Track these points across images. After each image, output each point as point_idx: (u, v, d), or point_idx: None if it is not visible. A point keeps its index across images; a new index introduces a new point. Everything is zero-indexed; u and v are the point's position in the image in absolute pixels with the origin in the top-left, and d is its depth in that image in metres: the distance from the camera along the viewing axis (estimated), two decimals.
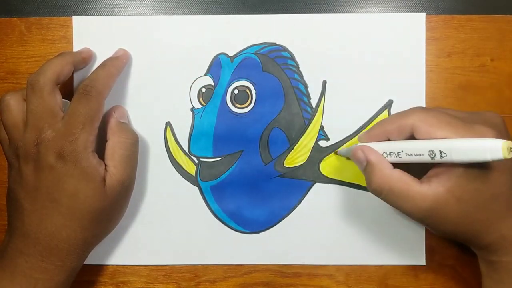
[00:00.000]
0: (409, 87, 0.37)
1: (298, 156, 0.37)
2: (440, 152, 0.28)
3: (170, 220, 0.37)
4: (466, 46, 0.37)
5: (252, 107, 0.37)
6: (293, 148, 0.37)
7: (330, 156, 0.37)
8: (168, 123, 0.38)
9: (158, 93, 0.37)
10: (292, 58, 0.37)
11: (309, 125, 0.37)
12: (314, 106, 0.37)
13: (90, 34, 0.38)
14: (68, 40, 0.38)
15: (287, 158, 0.37)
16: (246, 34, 0.37)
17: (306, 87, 0.37)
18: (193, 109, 0.38)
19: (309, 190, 0.37)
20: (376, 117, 0.37)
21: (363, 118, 0.37)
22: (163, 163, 0.37)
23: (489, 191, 0.29)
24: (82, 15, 0.38)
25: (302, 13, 0.37)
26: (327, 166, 0.37)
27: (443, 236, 0.35)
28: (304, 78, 0.37)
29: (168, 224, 0.37)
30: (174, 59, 0.37)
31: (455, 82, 0.37)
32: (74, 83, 0.37)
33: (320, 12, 0.37)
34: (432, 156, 0.28)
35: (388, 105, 0.37)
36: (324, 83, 0.37)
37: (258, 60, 0.37)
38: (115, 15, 0.38)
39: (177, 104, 0.37)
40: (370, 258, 0.37)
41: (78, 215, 0.32)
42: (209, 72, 0.38)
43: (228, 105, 0.37)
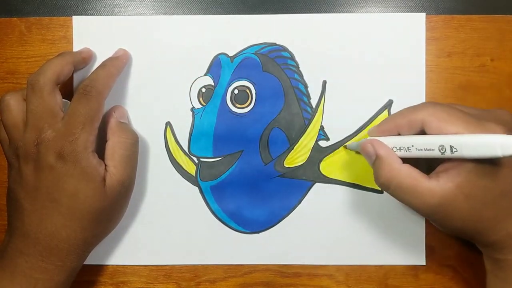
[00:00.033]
0: (409, 87, 0.37)
1: (298, 156, 0.37)
2: (451, 147, 0.27)
3: (170, 220, 0.37)
4: (466, 46, 0.37)
5: (252, 107, 0.37)
6: (293, 148, 0.37)
7: (330, 156, 0.37)
8: (168, 123, 0.38)
9: (158, 93, 0.38)
10: (292, 58, 0.37)
11: (309, 125, 0.37)
12: (314, 106, 0.37)
13: (90, 34, 0.38)
14: (68, 40, 0.38)
15: (287, 158, 0.37)
16: (246, 34, 0.37)
17: (306, 87, 0.37)
18: (193, 109, 0.38)
19: (309, 190, 0.37)
20: (376, 117, 0.37)
21: (363, 118, 0.37)
22: (163, 163, 0.37)
23: (498, 188, 0.29)
24: (82, 15, 0.38)
25: (302, 13, 0.37)
26: (327, 166, 0.37)
27: (449, 232, 0.35)
28: (304, 78, 0.37)
29: (168, 224, 0.37)
30: (174, 59, 0.37)
31: (455, 82, 0.37)
32: (74, 83, 0.37)
33: (320, 12, 0.37)
34: (443, 151, 0.28)
35: (388, 105, 0.37)
36: (324, 83, 0.37)
37: (258, 60, 0.37)
38: (115, 15, 0.38)
39: (177, 104, 0.37)
40: (370, 258, 0.37)
41: (78, 215, 0.32)
42: (209, 72, 0.38)
43: (228, 105, 0.37)
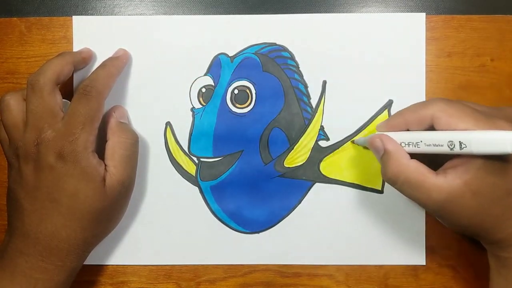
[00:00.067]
0: (409, 87, 0.37)
1: (298, 156, 0.37)
2: (460, 143, 0.27)
3: (170, 220, 0.37)
4: (466, 46, 0.37)
5: (252, 107, 0.37)
6: (293, 148, 0.37)
7: (330, 156, 0.37)
8: (168, 123, 0.38)
9: (158, 93, 0.37)
10: (292, 58, 0.37)
11: (309, 125, 0.37)
12: (314, 106, 0.37)
13: (90, 34, 0.38)
14: (68, 40, 0.38)
15: (287, 158, 0.37)
16: (246, 34, 0.37)
17: (306, 87, 0.37)
18: (193, 109, 0.38)
19: (309, 190, 0.37)
20: (376, 117, 0.37)
21: (363, 118, 0.37)
22: (163, 163, 0.37)
23: (506, 185, 0.28)
24: (82, 15, 0.38)
25: (302, 13, 0.37)
26: (327, 166, 0.37)
27: (455, 229, 0.35)
28: (304, 78, 0.37)
29: (168, 224, 0.37)
30: (174, 59, 0.37)
31: (455, 82, 0.37)
32: (74, 83, 0.37)
33: (320, 12, 0.37)
34: (452, 147, 0.28)
35: (388, 105, 0.37)
36: (324, 83, 0.37)
37: (258, 60, 0.37)
38: (115, 15, 0.38)
39: (177, 104, 0.37)
40: (370, 258, 0.37)
41: (78, 215, 0.32)
42: (209, 72, 0.38)
43: (228, 105, 0.37)
